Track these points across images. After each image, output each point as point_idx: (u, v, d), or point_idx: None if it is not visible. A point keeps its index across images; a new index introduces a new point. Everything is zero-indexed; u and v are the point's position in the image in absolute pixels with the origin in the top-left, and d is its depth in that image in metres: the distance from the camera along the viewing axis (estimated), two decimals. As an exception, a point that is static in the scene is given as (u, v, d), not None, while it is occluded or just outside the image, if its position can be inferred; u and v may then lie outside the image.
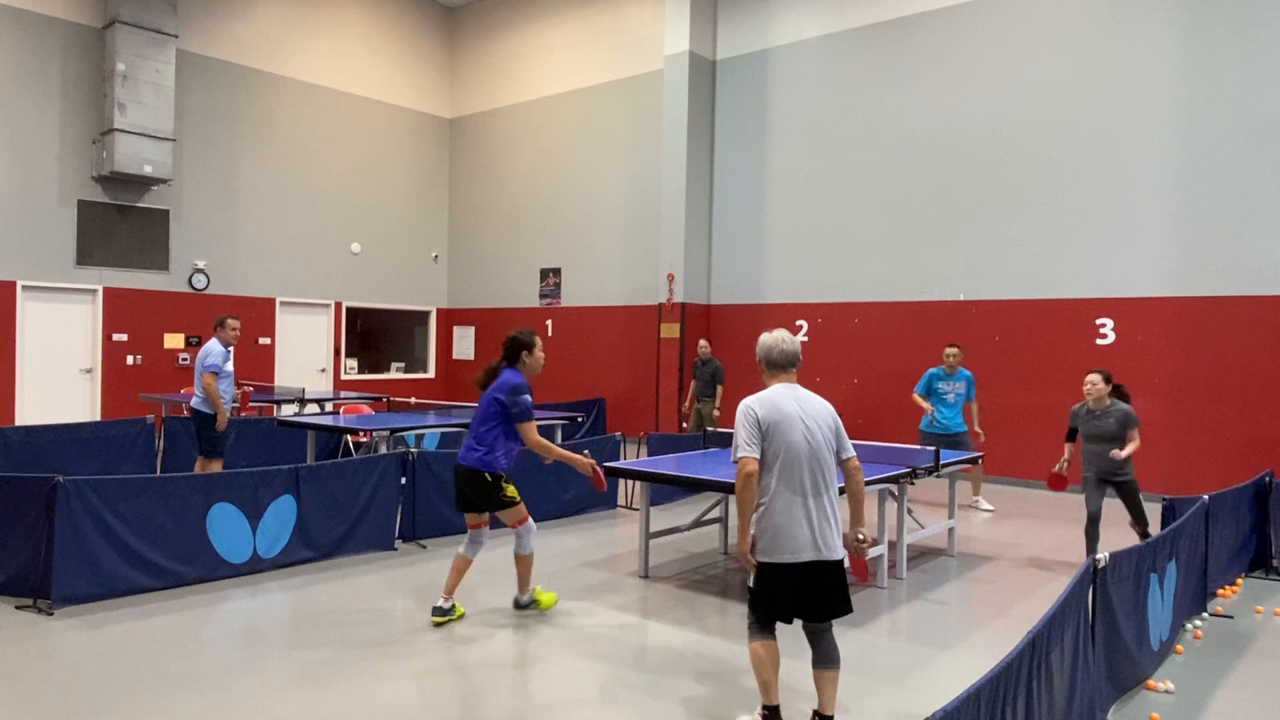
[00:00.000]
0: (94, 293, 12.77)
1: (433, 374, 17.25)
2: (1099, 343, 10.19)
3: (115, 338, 12.90)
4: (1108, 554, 3.94)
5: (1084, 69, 10.32)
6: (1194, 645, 5.09)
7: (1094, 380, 6.55)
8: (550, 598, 5.51)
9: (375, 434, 8.56)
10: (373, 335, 17.41)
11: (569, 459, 5.12)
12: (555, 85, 15.56)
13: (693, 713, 3.99)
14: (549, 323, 15.50)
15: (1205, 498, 5.66)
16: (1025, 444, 10.52)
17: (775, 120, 12.94)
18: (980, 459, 7.65)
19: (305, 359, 15.30)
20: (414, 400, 13.16)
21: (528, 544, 5.31)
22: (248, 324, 14.02)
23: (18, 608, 5.24)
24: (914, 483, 6.39)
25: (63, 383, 12.57)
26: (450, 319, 17.32)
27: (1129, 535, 7.17)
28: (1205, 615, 5.62)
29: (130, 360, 13.05)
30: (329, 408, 11.90)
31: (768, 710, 3.66)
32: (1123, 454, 6.34)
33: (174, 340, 13.50)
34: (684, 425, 12.39)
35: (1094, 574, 3.82)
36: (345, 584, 5.98)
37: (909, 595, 6.03)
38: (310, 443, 9.35)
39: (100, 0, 12.72)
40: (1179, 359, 9.73)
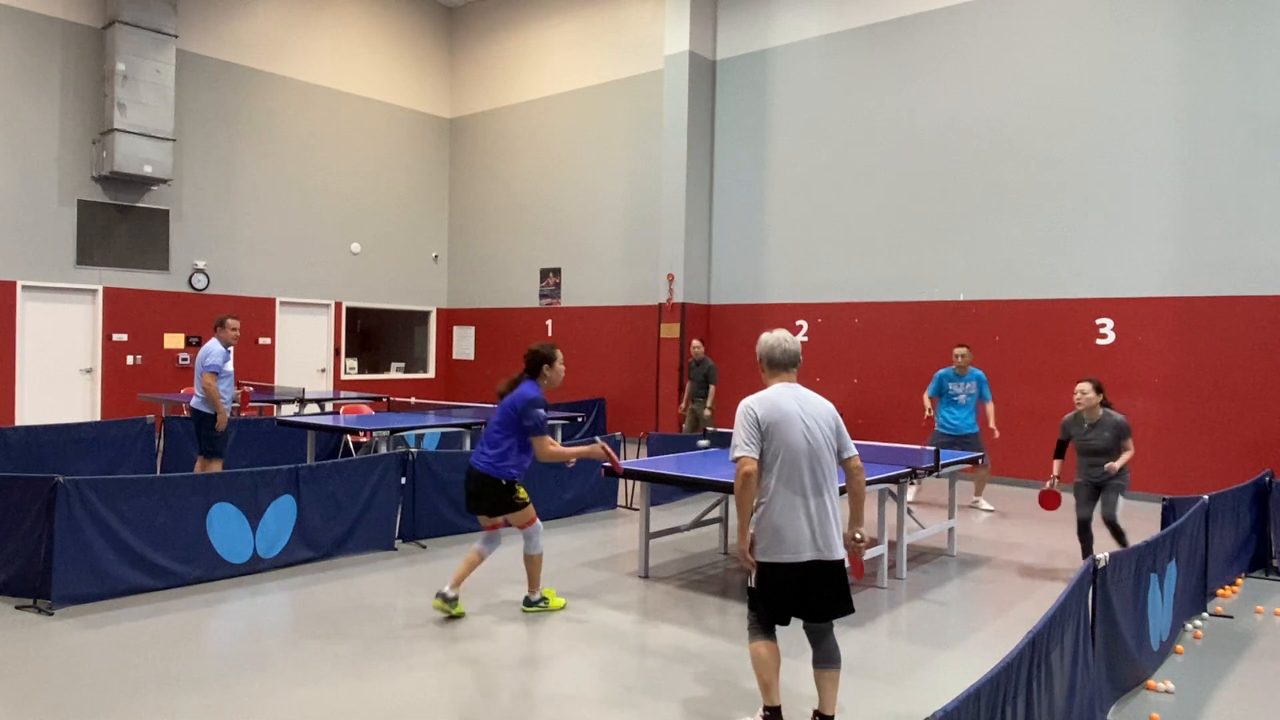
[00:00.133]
0: (94, 293, 12.77)
1: (433, 374, 17.26)
2: (1099, 343, 10.19)
3: (115, 338, 12.90)
4: (1108, 554, 3.95)
5: (1084, 69, 10.32)
6: (1194, 645, 5.09)
7: (1084, 389, 6.30)
8: (559, 601, 5.57)
9: (375, 434, 8.57)
10: (373, 335, 17.41)
11: (585, 453, 5.32)
12: (555, 85, 15.56)
13: (693, 713, 3.99)
14: (549, 323, 15.50)
15: (1205, 498, 5.66)
16: (1025, 444, 10.51)
17: (775, 120, 12.94)
18: (982, 459, 7.63)
19: (305, 359, 15.30)
20: (414, 400, 13.17)
21: (537, 544, 5.40)
22: (248, 324, 14.02)
23: (18, 608, 5.24)
24: (914, 483, 6.38)
25: (63, 383, 12.57)
26: (450, 319, 17.32)
27: (1127, 536, 7.17)
28: (1205, 615, 5.62)
29: (130, 360, 13.05)
30: (329, 408, 11.90)
31: (769, 711, 3.65)
32: (1117, 466, 6.16)
33: (174, 340, 13.50)
34: (684, 426, 12.41)
35: (1094, 574, 3.82)
36: (345, 584, 5.98)
37: (909, 595, 6.03)
38: (310, 443, 9.35)
39: (100, 0, 12.72)
40: (1179, 359, 9.72)
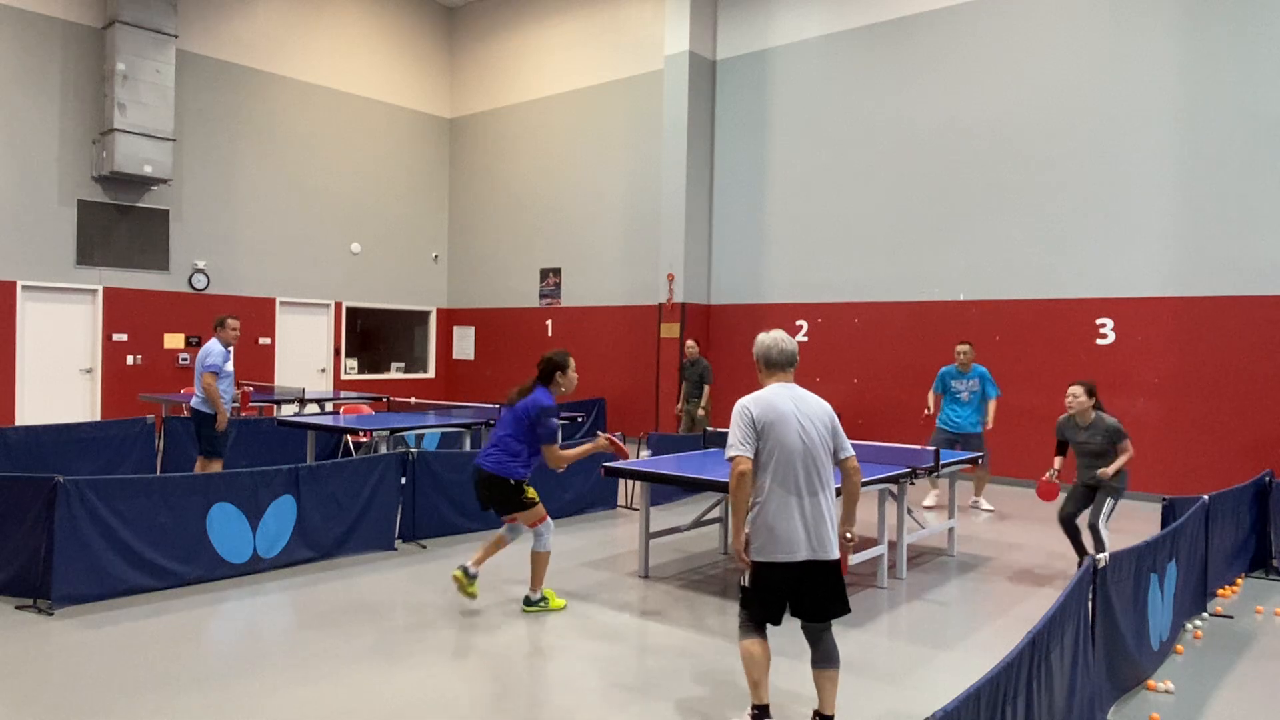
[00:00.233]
0: (94, 293, 12.77)
1: (433, 374, 17.25)
2: (1099, 343, 10.18)
3: (115, 338, 12.90)
4: (1108, 554, 3.95)
5: (1084, 69, 10.31)
6: (1194, 645, 5.09)
7: (1075, 393, 6.24)
8: (560, 602, 5.57)
9: (375, 434, 8.57)
10: (373, 335, 17.40)
11: (589, 451, 5.48)
12: (555, 85, 15.56)
13: (692, 712, 3.99)
14: (549, 323, 15.50)
15: (1205, 498, 5.66)
16: (1025, 444, 10.51)
17: (775, 120, 12.94)
18: (982, 459, 7.62)
19: (305, 359, 15.30)
20: (414, 400, 13.16)
21: (546, 542, 5.43)
22: (248, 324, 14.01)
23: (18, 608, 5.24)
24: (914, 483, 6.38)
25: (63, 383, 12.57)
26: (450, 319, 17.32)
27: (1127, 536, 7.17)
28: (1205, 615, 5.62)
29: (130, 360, 13.05)
30: (329, 408, 11.90)
31: (757, 709, 3.66)
32: (1110, 471, 6.09)
33: (174, 340, 13.50)
34: (679, 427, 12.41)
35: (1094, 574, 3.82)
36: (345, 584, 5.98)
37: (909, 595, 6.03)
38: (310, 443, 9.35)
39: (100, 0, 12.72)
40: (1179, 359, 9.72)
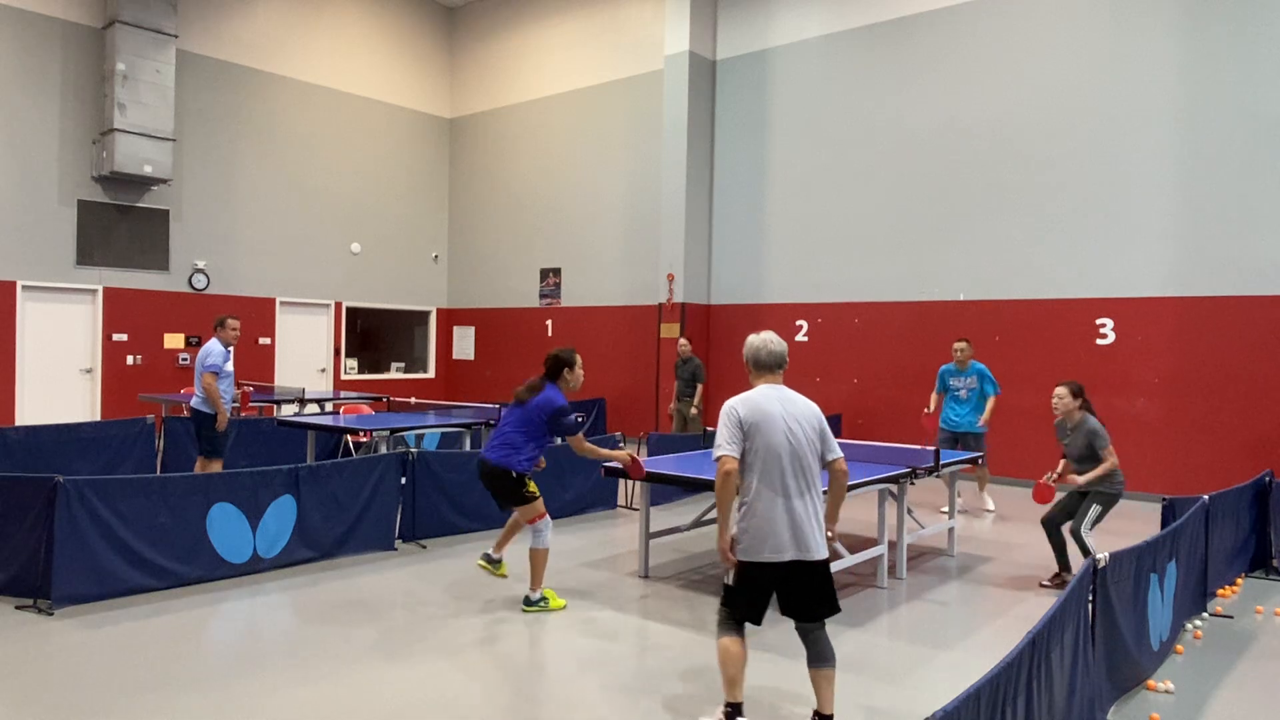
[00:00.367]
0: (94, 293, 12.77)
1: (433, 374, 17.25)
2: (1099, 343, 10.18)
3: (115, 338, 12.90)
4: (1108, 554, 3.95)
5: (1084, 69, 10.31)
6: (1194, 645, 5.09)
7: (1060, 394, 5.97)
8: (560, 602, 5.57)
9: (375, 434, 8.57)
10: (373, 335, 17.41)
11: (614, 457, 5.65)
12: (555, 85, 15.56)
13: (692, 713, 3.99)
14: (549, 323, 15.50)
15: (1205, 498, 5.66)
16: (1026, 444, 10.51)
17: (775, 120, 12.94)
18: (981, 459, 7.61)
19: (305, 359, 15.30)
20: (414, 400, 13.16)
21: (544, 539, 5.45)
22: (248, 324, 14.01)
23: (18, 608, 5.24)
24: (914, 483, 6.38)
25: (63, 383, 12.56)
26: (450, 319, 17.32)
27: (1122, 538, 7.17)
28: (1205, 615, 5.62)
29: (130, 360, 13.05)
30: (329, 408, 11.90)
31: (730, 707, 3.68)
32: (1080, 480, 5.87)
33: (174, 340, 13.50)
34: (672, 427, 12.41)
35: (1094, 574, 3.82)
36: (345, 584, 5.98)
37: (909, 595, 6.03)
38: (310, 443, 9.35)
39: (100, 0, 12.72)
40: (1179, 359, 9.72)
